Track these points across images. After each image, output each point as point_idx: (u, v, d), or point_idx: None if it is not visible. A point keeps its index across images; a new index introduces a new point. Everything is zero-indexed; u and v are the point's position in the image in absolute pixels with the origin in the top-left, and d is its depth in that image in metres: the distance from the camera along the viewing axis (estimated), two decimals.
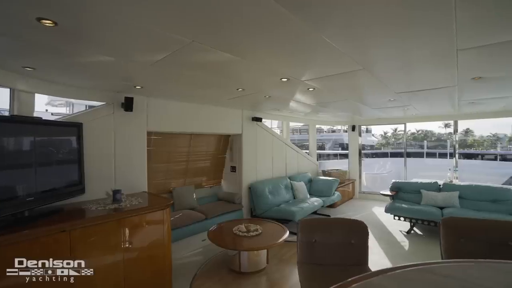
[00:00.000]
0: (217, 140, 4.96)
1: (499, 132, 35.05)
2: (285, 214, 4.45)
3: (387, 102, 4.14)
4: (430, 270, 1.03)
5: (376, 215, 5.65)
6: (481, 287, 0.87)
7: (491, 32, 1.55)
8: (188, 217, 3.85)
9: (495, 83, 2.87)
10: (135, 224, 2.47)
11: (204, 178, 4.95)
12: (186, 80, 2.70)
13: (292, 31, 1.54)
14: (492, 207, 4.19)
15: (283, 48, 1.84)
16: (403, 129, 7.33)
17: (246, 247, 2.97)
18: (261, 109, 5.03)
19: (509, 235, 1.71)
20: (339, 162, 9.28)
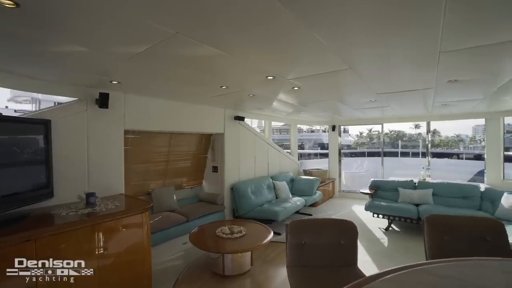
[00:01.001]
0: (198, 140, 4.81)
1: (461, 133, 37.94)
2: (268, 214, 4.41)
3: (368, 103, 4.23)
4: (426, 271, 1.02)
5: (355, 213, 5.79)
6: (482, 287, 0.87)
7: (475, 35, 1.60)
8: (168, 220, 3.68)
9: (468, 86, 3.02)
10: (111, 230, 2.29)
11: (184, 179, 4.78)
12: (167, 76, 2.55)
13: (284, 26, 1.49)
14: (462, 203, 4.45)
15: (272, 44, 1.78)
16: (378, 129, 7.60)
17: (230, 250, 2.88)
18: (244, 108, 4.95)
19: (486, 231, 1.78)
20: (319, 161, 9.45)
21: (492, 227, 1.77)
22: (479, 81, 2.78)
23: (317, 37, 1.64)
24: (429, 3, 1.26)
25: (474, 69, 2.37)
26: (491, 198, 4.23)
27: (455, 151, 26.95)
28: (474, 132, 45.63)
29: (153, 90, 3.22)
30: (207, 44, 1.72)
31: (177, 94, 3.48)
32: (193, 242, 3.04)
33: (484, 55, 1.96)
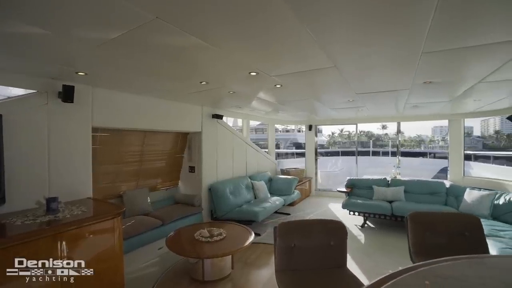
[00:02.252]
0: (174, 138, 4.57)
1: (422, 134, 41.15)
2: (247, 215, 4.32)
3: (345, 103, 4.31)
4: (425, 273, 0.99)
5: (332, 211, 5.91)
6: (483, 286, 0.86)
7: (460, 36, 1.64)
8: (141, 224, 3.43)
9: (439, 88, 3.17)
10: (77, 238, 2.05)
11: (159, 180, 4.51)
12: (143, 69, 2.35)
13: (277, 19, 1.41)
14: (430, 199, 4.73)
15: (260, 38, 1.68)
16: (349, 129, 7.87)
17: (210, 254, 2.74)
18: (222, 106, 4.80)
19: (464, 226, 1.85)
20: (296, 160, 9.57)
21: (470, 223, 1.84)
22: (450, 83, 2.93)
23: (308, 32, 1.58)
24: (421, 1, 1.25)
25: (449, 71, 2.47)
26: (455, 193, 4.54)
27: (418, 151, 28.97)
28: (433, 133, 49.62)
29: (125, 84, 2.97)
30: (190, 33, 1.58)
31: (153, 89, 3.24)
32: (169, 247, 2.85)
33: (462, 57, 2.04)
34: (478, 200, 4.04)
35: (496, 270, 1.02)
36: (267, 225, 4.88)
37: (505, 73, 2.50)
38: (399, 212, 4.36)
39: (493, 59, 2.10)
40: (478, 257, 1.06)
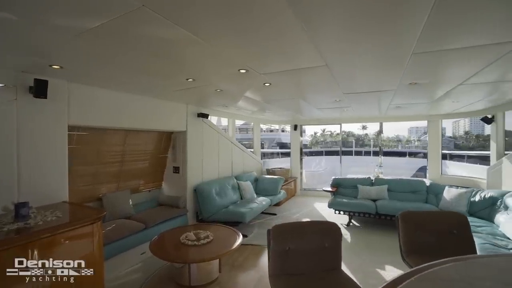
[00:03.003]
0: (157, 138, 4.38)
1: (399, 134, 43.05)
2: (234, 216, 4.23)
3: (332, 103, 4.34)
4: (426, 277, 0.96)
5: (318, 210, 5.96)
6: None
7: (453, 37, 1.66)
8: (123, 228, 3.25)
9: (423, 89, 3.26)
10: (51, 247, 1.87)
11: (141, 181, 4.31)
12: (125, 63, 2.20)
13: (272, 13, 1.34)
14: (412, 197, 4.87)
15: (254, 33, 1.61)
16: (331, 129, 8.00)
17: (198, 259, 2.63)
18: (208, 105, 4.67)
19: (452, 225, 1.89)
20: (281, 160, 9.59)
21: (457, 221, 1.88)
22: (434, 84, 3.01)
23: (304, 27, 1.53)
24: None
25: (435, 73, 2.53)
26: (435, 191, 4.72)
27: (397, 150, 30.12)
28: (409, 133, 51.96)
29: (106, 80, 2.78)
30: (180, 25, 1.48)
31: (136, 86, 3.07)
32: (153, 251, 2.72)
33: (449, 59, 2.09)
34: (456, 198, 4.21)
35: (495, 270, 1.01)
36: (253, 225, 4.82)
37: (484, 76, 2.60)
38: (384, 211, 4.46)
39: (476, 61, 2.17)
40: (475, 257, 1.05)
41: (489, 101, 4.16)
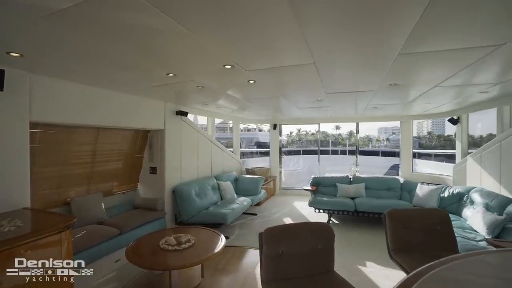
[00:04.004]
0: (133, 137, 4.11)
1: (370, 134, 45.42)
2: (215, 217, 4.10)
3: (313, 102, 4.37)
4: (433, 279, 0.94)
5: (298, 209, 6.00)
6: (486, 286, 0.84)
7: (441, 39, 1.70)
8: (94, 234, 2.98)
9: (401, 90, 3.38)
10: (9, 261, 1.63)
11: (115, 183, 4.01)
12: (99, 54, 1.99)
13: (265, 5, 1.26)
14: (387, 194, 5.08)
15: (243, 26, 1.52)
16: (307, 129, 8.14)
17: (179, 265, 2.47)
18: (187, 102, 4.48)
19: (435, 221, 1.95)
20: (260, 160, 9.57)
21: (440, 217, 1.94)
22: (412, 86, 3.13)
23: (296, 23, 1.47)
24: None
25: (415, 74, 2.62)
26: (408, 188, 4.95)
27: (371, 149, 31.59)
28: (379, 133, 54.85)
29: (75, 72, 2.51)
30: (165, 12, 1.34)
31: (110, 80, 2.82)
32: (130, 258, 2.52)
33: (432, 61, 2.16)
34: (428, 194, 4.45)
35: (489, 267, 1.02)
36: (234, 226, 4.72)
37: (457, 79, 2.75)
38: (362, 208, 4.59)
39: (454, 64, 2.27)
40: (471, 255, 1.06)
41: (456, 104, 4.45)
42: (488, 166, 4.06)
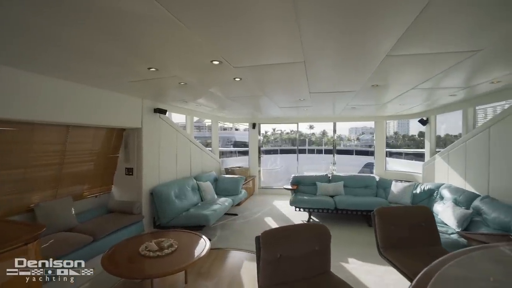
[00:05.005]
0: (107, 135, 3.81)
1: (341, 134, 47.55)
2: (197, 219, 3.95)
3: (296, 101, 4.38)
4: (443, 276, 0.95)
5: (278, 208, 6.02)
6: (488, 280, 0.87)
7: (429, 42, 1.75)
8: (64, 243, 2.72)
9: (380, 92, 3.50)
10: None
11: (86, 186, 3.69)
12: (70, 43, 1.78)
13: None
14: (364, 191, 5.28)
15: (238, 19, 1.45)
16: (282, 128, 8.23)
17: (163, 272, 2.33)
18: (166, 100, 4.26)
19: (420, 217, 2.03)
20: (238, 159, 9.47)
21: (424, 214, 2.03)
22: (392, 87, 3.25)
23: (298, 17, 1.42)
24: None
25: (397, 76, 2.71)
26: (384, 186, 5.19)
27: (345, 148, 32.82)
28: (349, 133, 57.38)
29: (39, 62, 2.22)
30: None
31: (80, 73, 2.56)
32: (107, 267, 2.34)
33: (416, 63, 2.24)
34: (402, 191, 4.69)
35: (486, 263, 1.06)
36: (215, 228, 4.61)
37: (432, 82, 2.90)
38: (342, 206, 4.71)
39: (436, 67, 2.37)
40: (470, 250, 1.09)
41: (426, 105, 4.73)
42: (454, 164, 4.38)
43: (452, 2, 1.28)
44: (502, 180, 3.32)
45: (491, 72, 2.57)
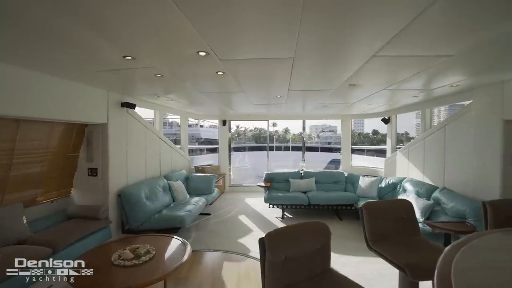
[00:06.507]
0: (65, 132, 3.34)
1: (301, 132, 49.76)
2: (172, 221, 3.72)
3: (273, 98, 4.36)
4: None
5: (251, 206, 5.99)
6: None
7: (418, 45, 1.83)
8: (15, 258, 2.30)
9: (355, 90, 3.63)
10: None
11: (40, 190, 3.20)
12: (22, 19, 1.47)
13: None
14: (334, 187, 5.52)
15: (233, 5, 1.34)
16: (246, 126, 8.25)
17: (142, 283, 2.10)
18: (135, 93, 3.90)
19: (403, 211, 2.15)
20: (207, 157, 9.20)
21: (406, 207, 2.16)
22: (367, 87, 3.40)
23: (304, 8, 1.37)
24: None
25: (375, 76, 2.83)
26: (352, 181, 5.49)
27: (311, 145, 34.10)
28: (310, 131, 59.91)
29: None
30: None
31: (34, 57, 2.18)
32: (74, 282, 2.03)
33: (397, 65, 2.35)
34: (369, 185, 5.01)
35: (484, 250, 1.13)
36: (190, 229, 4.41)
37: (402, 84, 3.11)
38: (315, 201, 4.86)
39: (411, 70, 2.53)
40: (481, 235, 1.16)
41: (389, 105, 5.10)
42: (414, 159, 4.80)
43: (446, 9, 1.35)
44: (455, 173, 3.72)
45: (454, 76, 2.83)
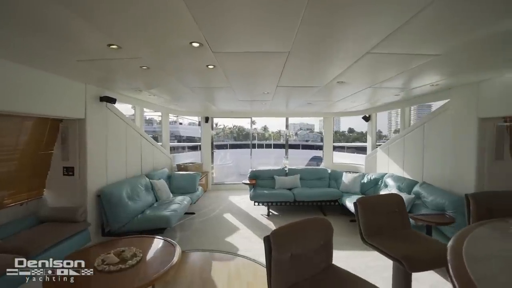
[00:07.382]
0: (37, 127, 3.05)
1: (281, 130, 50.23)
2: (156, 222, 3.55)
3: (260, 95, 4.30)
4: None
5: (235, 203, 5.92)
6: None
7: (413, 44, 1.87)
8: None
9: (341, 88, 3.68)
10: None
11: (7, 192, 2.89)
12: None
13: None
14: (318, 183, 5.61)
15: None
16: (225, 123, 8.16)
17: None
18: (116, 87, 3.65)
19: (394, 205, 2.22)
20: (188, 154, 8.95)
21: (397, 201, 2.22)
22: (354, 85, 3.45)
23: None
24: None
25: (365, 74, 2.87)
26: (336, 177, 5.61)
27: (293, 143, 34.48)
28: (288, 129, 60.96)
29: None
30: None
31: (2, 43, 1.95)
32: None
33: (389, 63, 2.39)
34: (352, 181, 5.15)
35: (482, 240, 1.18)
36: (175, 229, 4.25)
37: (387, 83, 3.21)
38: (300, 198, 4.90)
39: (397, 68, 2.59)
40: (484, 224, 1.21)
41: (370, 104, 5.27)
42: (394, 155, 5.00)
43: (442, 8, 1.38)
44: (433, 168, 3.92)
45: (436, 76, 2.96)
